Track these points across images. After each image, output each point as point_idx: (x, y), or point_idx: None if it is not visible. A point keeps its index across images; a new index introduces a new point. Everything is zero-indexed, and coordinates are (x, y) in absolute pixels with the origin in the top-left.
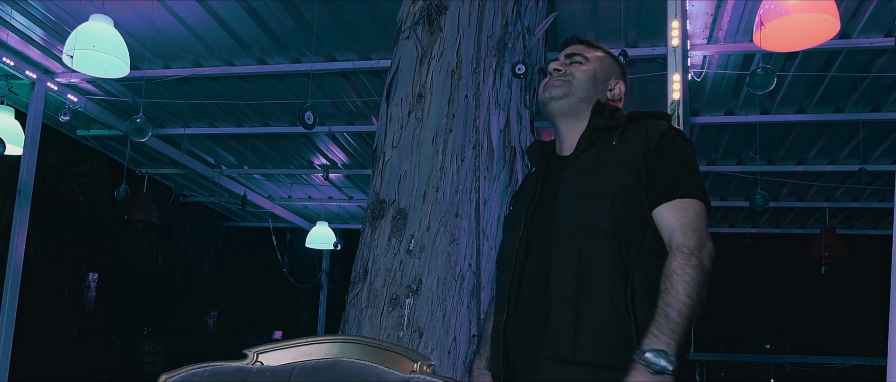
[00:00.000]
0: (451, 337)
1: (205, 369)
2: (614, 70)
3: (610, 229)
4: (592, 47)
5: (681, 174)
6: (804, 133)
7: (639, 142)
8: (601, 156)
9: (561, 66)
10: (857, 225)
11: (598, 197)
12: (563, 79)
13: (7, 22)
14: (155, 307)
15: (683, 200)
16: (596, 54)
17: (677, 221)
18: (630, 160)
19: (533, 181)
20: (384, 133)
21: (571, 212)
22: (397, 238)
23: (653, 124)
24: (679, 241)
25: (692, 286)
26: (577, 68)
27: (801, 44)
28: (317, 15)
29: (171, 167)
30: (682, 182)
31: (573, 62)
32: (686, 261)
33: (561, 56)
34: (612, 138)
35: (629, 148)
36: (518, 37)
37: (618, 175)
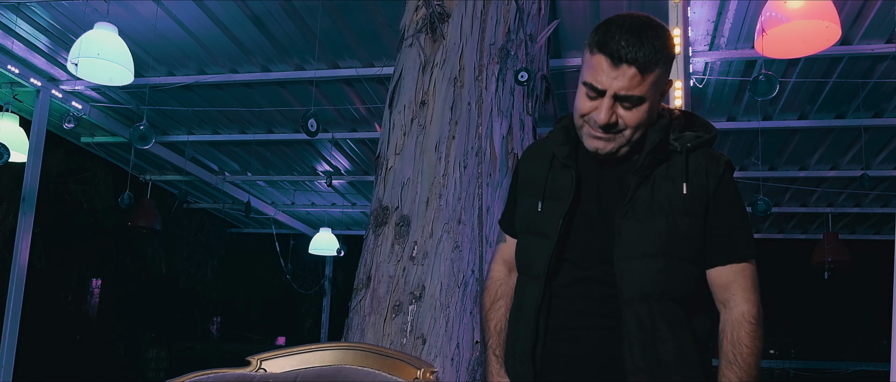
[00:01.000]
0: (455, 344)
1: (208, 376)
2: (667, 76)
3: (680, 293)
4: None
5: (741, 231)
6: (806, 139)
7: (699, 182)
8: (659, 198)
9: (608, 115)
10: (860, 230)
11: (663, 255)
12: (610, 136)
13: (12, 30)
14: (158, 313)
15: (744, 263)
16: (653, 76)
17: (738, 284)
18: (692, 205)
19: (568, 183)
20: (387, 140)
21: (643, 273)
22: (400, 245)
23: (711, 163)
24: (744, 308)
25: (759, 358)
26: (628, 114)
27: (803, 50)
28: (320, 22)
29: (174, 174)
30: (741, 241)
31: (624, 106)
32: (755, 333)
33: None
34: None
35: (692, 188)
36: (520, 44)
37: (680, 225)
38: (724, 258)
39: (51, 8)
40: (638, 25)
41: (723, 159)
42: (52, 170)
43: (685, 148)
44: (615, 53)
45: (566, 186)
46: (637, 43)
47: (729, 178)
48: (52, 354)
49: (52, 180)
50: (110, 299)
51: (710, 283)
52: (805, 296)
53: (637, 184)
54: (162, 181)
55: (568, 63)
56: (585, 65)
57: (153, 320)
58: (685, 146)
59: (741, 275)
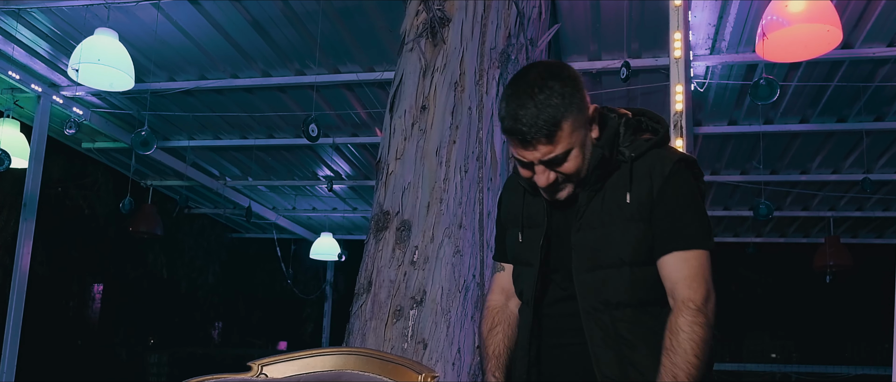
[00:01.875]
0: (456, 349)
1: (210, 381)
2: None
3: (638, 298)
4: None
5: (685, 221)
6: (808, 143)
7: (644, 185)
8: (607, 210)
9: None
10: (862, 234)
11: (613, 265)
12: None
13: (13, 36)
14: (160, 318)
15: (686, 251)
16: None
17: (680, 272)
18: (638, 210)
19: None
20: (388, 145)
21: (588, 285)
22: (401, 250)
23: (657, 164)
24: (684, 295)
25: (700, 345)
26: (565, 167)
27: (804, 54)
28: (321, 27)
29: (175, 179)
30: (686, 230)
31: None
32: (693, 318)
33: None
34: (619, 186)
35: (636, 193)
36: (521, 49)
37: (627, 234)
38: (668, 248)
39: (51, 14)
40: (534, 91)
41: (672, 158)
42: (54, 176)
43: (631, 156)
44: (519, 137)
45: (539, 213)
46: (534, 116)
47: (676, 175)
48: (54, 359)
49: (54, 185)
50: (112, 304)
51: (661, 276)
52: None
53: (588, 199)
54: (163, 187)
55: None
56: (509, 141)
57: (154, 325)
58: (631, 154)
59: (686, 264)
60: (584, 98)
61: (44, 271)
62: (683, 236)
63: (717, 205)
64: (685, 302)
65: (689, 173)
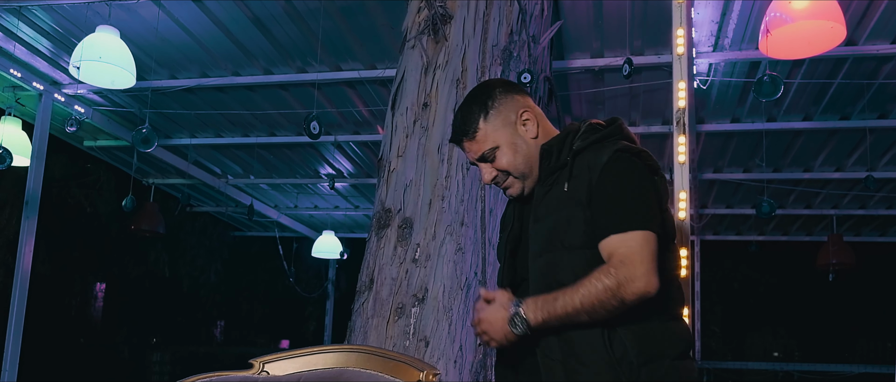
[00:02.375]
0: (458, 346)
1: (212, 379)
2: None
3: (570, 281)
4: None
5: (623, 206)
6: (811, 140)
7: (583, 178)
8: (553, 202)
9: (489, 175)
10: (865, 232)
11: (558, 249)
12: (507, 182)
13: (14, 34)
14: (162, 317)
15: (624, 233)
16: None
17: (616, 250)
18: (578, 199)
19: (509, 213)
20: (390, 142)
21: (537, 270)
22: (403, 247)
23: (595, 155)
24: (613, 263)
25: (591, 298)
26: (499, 163)
27: (807, 51)
28: (322, 25)
29: (177, 177)
30: (623, 214)
31: (488, 161)
32: (605, 277)
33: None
34: (564, 180)
35: (576, 185)
36: (523, 45)
37: (570, 220)
38: (605, 232)
39: (53, 11)
40: (465, 100)
41: (611, 148)
42: (55, 174)
43: (573, 151)
44: (454, 138)
45: (509, 215)
46: (459, 122)
47: (614, 162)
48: (56, 358)
49: (55, 184)
50: (114, 303)
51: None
52: (809, 298)
53: (541, 193)
54: (165, 185)
55: (571, 65)
56: None
57: (156, 323)
58: (571, 149)
59: (623, 242)
60: (511, 102)
61: (46, 269)
62: (621, 219)
63: (719, 203)
64: (610, 266)
65: (630, 161)
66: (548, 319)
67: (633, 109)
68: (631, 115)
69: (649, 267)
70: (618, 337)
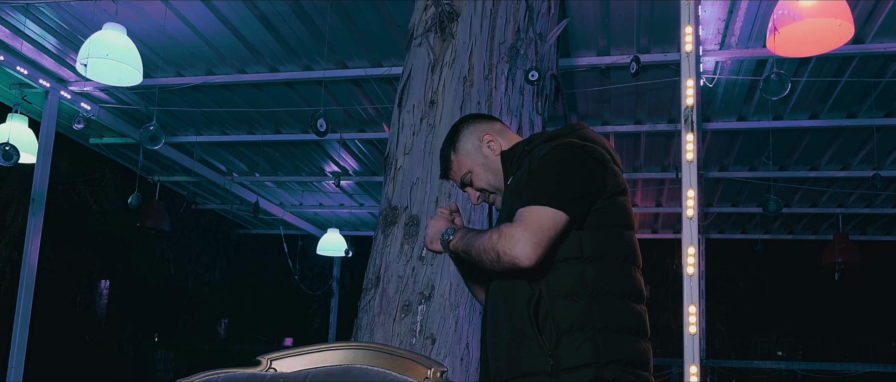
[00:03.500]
0: (464, 344)
1: (219, 375)
2: (470, 139)
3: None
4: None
5: (539, 183)
6: (817, 139)
7: (524, 170)
8: (506, 197)
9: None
10: (871, 231)
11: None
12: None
13: (21, 31)
14: (167, 314)
15: (532, 206)
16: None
17: (518, 216)
18: (518, 190)
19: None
20: (396, 140)
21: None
22: (410, 245)
23: (538, 150)
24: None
25: (480, 245)
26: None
27: (815, 49)
28: (329, 23)
29: (183, 175)
30: (537, 190)
31: (470, 185)
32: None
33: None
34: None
35: (517, 179)
36: (530, 43)
37: (512, 211)
38: (522, 204)
39: (59, 9)
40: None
41: (554, 144)
42: (62, 171)
43: (524, 151)
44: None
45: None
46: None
47: (549, 154)
48: (62, 355)
49: (62, 181)
50: (119, 300)
51: None
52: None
53: (507, 193)
54: (170, 182)
55: (578, 62)
56: None
57: (161, 321)
58: (523, 150)
59: (527, 212)
60: (472, 131)
61: (52, 266)
62: (535, 193)
63: (725, 201)
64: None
65: (567, 151)
66: (456, 247)
67: (639, 108)
68: (637, 113)
69: (534, 240)
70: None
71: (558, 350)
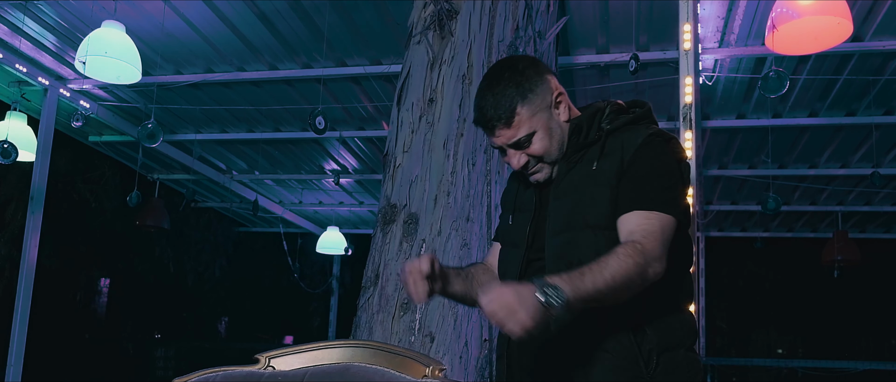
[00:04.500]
0: (463, 342)
1: (217, 374)
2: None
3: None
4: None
5: (650, 186)
6: (816, 137)
7: (615, 158)
8: (580, 179)
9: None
10: (870, 229)
11: (580, 227)
12: (537, 168)
13: (19, 29)
14: (166, 312)
15: (647, 211)
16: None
17: (639, 228)
18: (607, 179)
19: (531, 195)
20: (395, 138)
21: (557, 247)
22: (408, 243)
23: (630, 136)
24: (638, 240)
25: (621, 274)
26: (533, 149)
27: (814, 47)
28: (328, 20)
29: (182, 173)
30: (650, 194)
31: (523, 148)
32: (633, 254)
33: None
34: (593, 158)
35: (606, 164)
36: (529, 41)
37: (596, 199)
38: (628, 207)
39: (58, 6)
40: (493, 81)
41: (646, 132)
42: (61, 169)
43: (605, 131)
44: (483, 125)
45: (530, 197)
46: (492, 104)
47: (647, 146)
48: (61, 353)
49: (61, 179)
50: (119, 298)
51: (619, 233)
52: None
53: (566, 170)
54: (170, 180)
55: (577, 60)
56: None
57: (161, 319)
58: (603, 129)
59: (645, 220)
60: (545, 84)
61: (51, 264)
62: (647, 198)
63: (724, 199)
64: (635, 243)
65: (662, 145)
66: (578, 294)
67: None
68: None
69: (664, 251)
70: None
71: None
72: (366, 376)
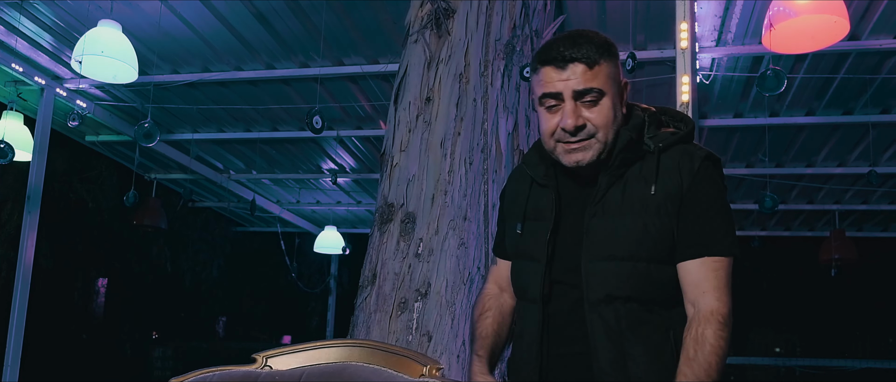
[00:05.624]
0: (460, 341)
1: (214, 373)
2: (619, 69)
3: (648, 296)
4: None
5: (715, 225)
6: (814, 135)
7: (672, 180)
8: (632, 200)
9: (576, 118)
10: (867, 228)
11: (630, 257)
12: (585, 141)
13: (16, 28)
14: (164, 312)
15: (715, 258)
16: (603, 67)
17: (708, 282)
18: (664, 205)
19: (550, 202)
20: (392, 137)
21: (600, 275)
22: (406, 242)
23: (686, 157)
24: (713, 306)
25: (722, 360)
26: (593, 113)
27: (810, 46)
28: (325, 19)
29: (179, 172)
30: (715, 235)
31: (586, 105)
32: (721, 332)
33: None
34: (646, 178)
35: (662, 187)
36: (526, 40)
37: (651, 226)
38: (695, 252)
39: (55, 6)
40: (573, 34)
41: (700, 154)
42: (57, 169)
43: (657, 147)
44: (559, 56)
45: (548, 205)
46: (574, 45)
47: (705, 173)
48: (59, 353)
49: (58, 178)
50: (116, 298)
51: (681, 280)
52: (811, 294)
53: (608, 184)
54: (167, 180)
55: None
56: (536, 85)
57: (159, 319)
58: (657, 146)
59: (713, 272)
60: (620, 69)
61: (48, 264)
62: (715, 242)
63: None
64: (713, 314)
65: (718, 171)
66: None
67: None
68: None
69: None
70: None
71: None
72: (363, 375)
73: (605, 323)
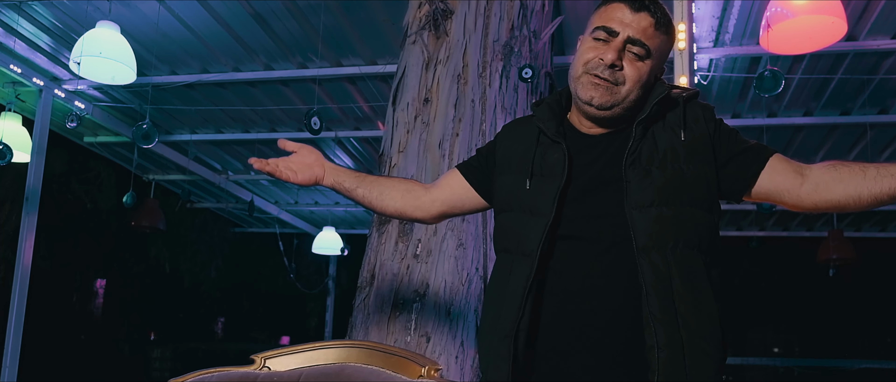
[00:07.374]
0: (459, 342)
1: (213, 374)
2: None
3: (692, 241)
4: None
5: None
6: (811, 136)
7: (699, 127)
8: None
9: (615, 55)
10: (866, 228)
11: (685, 204)
12: (612, 87)
13: (14, 29)
14: (162, 313)
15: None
16: (659, 41)
17: (795, 163)
18: (695, 151)
19: (560, 158)
20: (390, 138)
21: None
22: (404, 243)
23: (705, 108)
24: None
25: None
26: (631, 67)
27: (808, 46)
28: (323, 20)
29: (178, 173)
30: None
31: (630, 56)
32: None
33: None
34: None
35: (690, 134)
36: (524, 41)
37: (691, 174)
38: (763, 159)
39: (53, 7)
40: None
41: (709, 105)
42: (56, 170)
43: (680, 98)
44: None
45: (558, 162)
46: (654, 1)
47: (723, 123)
48: (57, 354)
49: (56, 180)
50: (115, 299)
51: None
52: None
53: (641, 134)
54: (165, 181)
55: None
56: (597, 16)
57: (157, 320)
58: (680, 96)
59: (787, 159)
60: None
61: (46, 265)
62: (764, 149)
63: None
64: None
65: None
66: None
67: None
68: None
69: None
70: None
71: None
72: (361, 376)
73: (655, 268)
